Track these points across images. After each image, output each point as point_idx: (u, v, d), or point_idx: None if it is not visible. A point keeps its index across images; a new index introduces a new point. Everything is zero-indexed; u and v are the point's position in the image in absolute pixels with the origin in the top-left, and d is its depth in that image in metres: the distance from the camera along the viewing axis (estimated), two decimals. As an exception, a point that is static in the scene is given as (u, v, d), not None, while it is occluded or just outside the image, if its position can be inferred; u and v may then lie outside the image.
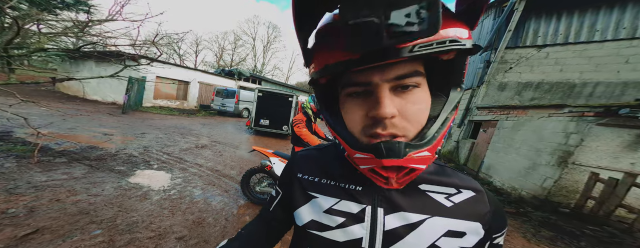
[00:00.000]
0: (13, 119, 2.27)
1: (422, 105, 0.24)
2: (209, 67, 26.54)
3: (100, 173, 2.31)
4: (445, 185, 0.30)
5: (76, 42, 5.00)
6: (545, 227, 2.29)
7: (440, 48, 0.19)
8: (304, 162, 0.38)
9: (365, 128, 0.25)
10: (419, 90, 0.24)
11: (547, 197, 2.78)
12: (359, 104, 0.25)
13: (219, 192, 2.26)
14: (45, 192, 1.79)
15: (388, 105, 0.22)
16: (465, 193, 0.30)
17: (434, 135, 0.24)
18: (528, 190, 3.04)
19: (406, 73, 0.22)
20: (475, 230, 0.28)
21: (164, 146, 3.70)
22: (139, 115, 6.71)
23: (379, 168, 0.24)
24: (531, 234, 2.15)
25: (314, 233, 0.31)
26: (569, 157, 2.70)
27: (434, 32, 0.17)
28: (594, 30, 3.66)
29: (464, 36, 0.21)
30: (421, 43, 0.19)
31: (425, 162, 0.24)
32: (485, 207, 0.29)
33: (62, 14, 5.10)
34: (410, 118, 0.23)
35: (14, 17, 1.91)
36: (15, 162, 2.20)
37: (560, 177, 2.71)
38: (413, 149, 0.22)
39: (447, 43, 0.19)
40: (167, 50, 19.46)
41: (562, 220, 2.44)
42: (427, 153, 0.23)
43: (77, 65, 8.63)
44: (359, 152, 0.25)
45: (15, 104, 1.98)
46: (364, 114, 0.24)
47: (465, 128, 5.19)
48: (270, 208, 0.41)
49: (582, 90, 3.81)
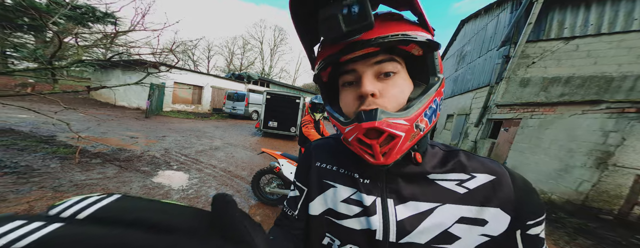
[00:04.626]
0: (57, 125, 2.55)
1: (401, 88, 0.28)
2: (220, 71, 27.83)
3: (129, 173, 2.52)
4: (456, 171, 0.30)
5: (105, 52, 5.53)
6: (581, 235, 2.07)
7: (395, 39, 0.25)
8: (320, 151, 0.39)
9: (355, 109, 0.28)
10: (398, 77, 0.28)
11: (584, 202, 2.50)
12: (351, 90, 0.29)
13: (231, 192, 2.35)
14: (84, 189, 1.98)
15: (368, 84, 0.27)
16: (481, 178, 0.29)
17: (412, 107, 0.27)
18: (560, 194, 2.77)
19: (383, 59, 0.28)
20: (498, 217, 0.26)
21: (182, 148, 3.93)
22: (160, 119, 7.21)
23: (361, 136, 0.26)
24: (565, 242, 1.97)
25: (333, 220, 0.32)
26: (608, 158, 2.42)
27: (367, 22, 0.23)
28: (632, 19, 3.30)
29: (421, 36, 0.26)
30: (380, 36, 0.25)
31: (402, 129, 0.26)
32: (507, 190, 0.27)
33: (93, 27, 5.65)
34: (390, 98, 0.27)
35: (56, 32, 2.17)
36: (59, 162, 2.47)
37: (599, 180, 2.43)
38: (388, 115, 0.26)
39: (400, 36, 0.25)
40: (182, 57, 20.78)
41: (603, 228, 2.18)
42: (403, 122, 0.26)
43: (107, 74, 9.53)
44: (347, 126, 0.28)
45: (60, 111, 2.24)
46: (354, 97, 0.29)
47: (483, 127, 4.87)
48: (295, 212, 0.37)
49: (622, 84, 3.41)
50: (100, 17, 5.52)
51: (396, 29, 0.26)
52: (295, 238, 0.37)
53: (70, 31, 4.21)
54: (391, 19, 0.27)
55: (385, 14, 0.28)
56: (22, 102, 4.28)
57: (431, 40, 0.27)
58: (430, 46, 0.27)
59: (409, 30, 0.26)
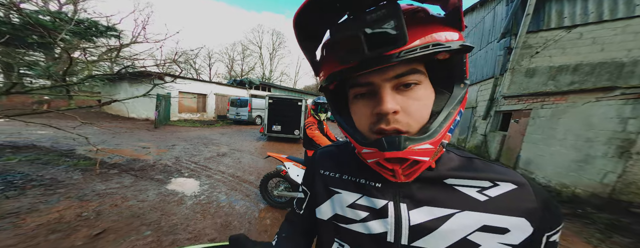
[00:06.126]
0: (77, 139, 2.66)
1: (424, 101, 0.25)
2: (221, 78, 28.23)
3: (144, 181, 2.59)
4: (477, 178, 0.28)
5: (111, 65, 5.71)
6: (616, 232, 1.91)
7: (424, 52, 0.21)
8: (324, 159, 0.39)
9: (371, 125, 0.26)
10: (421, 88, 0.25)
11: (611, 195, 2.35)
12: (365, 104, 0.27)
13: (241, 197, 2.37)
14: (105, 198, 2.06)
15: (389, 101, 0.24)
16: (504, 187, 0.27)
17: (436, 129, 0.24)
18: (584, 187, 2.63)
19: (404, 72, 0.24)
20: (521, 226, 0.26)
21: (191, 156, 4.00)
22: (168, 128, 7.39)
23: (383, 161, 0.25)
24: (598, 240, 1.82)
25: (341, 225, 0.32)
26: (631, 146, 2.30)
27: (402, 43, 0.20)
28: (634, 5, 3.23)
29: (451, 38, 0.23)
30: (406, 49, 0.21)
31: (427, 154, 0.24)
32: (531, 201, 0.26)
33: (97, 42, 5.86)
34: (412, 113, 0.25)
35: (64, 48, 2.27)
36: (81, 174, 2.58)
37: (624, 170, 2.29)
38: (413, 142, 0.24)
39: (430, 47, 0.22)
40: (185, 66, 21.33)
41: (638, 223, 1.98)
42: (429, 146, 0.24)
43: (115, 88, 9.87)
44: (365, 148, 0.27)
45: (78, 126, 2.34)
46: (369, 112, 0.26)
47: (492, 120, 4.77)
48: (300, 211, 0.41)
49: (634, 69, 3.30)
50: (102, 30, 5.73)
51: (423, 34, 0.22)
52: (303, 231, 0.41)
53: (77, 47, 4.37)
54: (415, 19, 0.23)
55: (410, 12, 0.23)
56: (40, 118, 4.48)
57: (465, 45, 0.23)
58: (460, 50, 0.23)
59: (439, 32, 0.22)
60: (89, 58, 5.29)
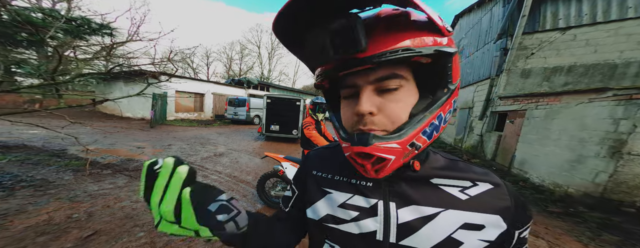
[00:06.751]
0: (66, 138, 2.61)
1: (402, 103, 0.26)
2: (219, 78, 28.08)
3: (138, 182, 2.54)
4: (459, 178, 0.30)
5: (106, 64, 5.59)
6: (606, 230, 1.98)
7: (393, 56, 0.23)
8: (316, 160, 0.40)
9: (353, 124, 0.28)
10: (402, 91, 0.26)
11: (603, 194, 2.42)
12: (349, 104, 0.29)
13: (238, 197, 2.34)
14: (98, 199, 2.01)
15: (365, 102, 0.25)
16: (482, 186, 0.30)
17: (407, 131, 0.26)
18: (576, 186, 2.69)
19: (384, 76, 0.25)
20: (496, 223, 0.28)
21: (188, 156, 3.95)
22: (165, 128, 7.29)
23: (354, 155, 0.27)
24: (588, 238, 1.87)
25: (331, 226, 0.32)
26: (622, 146, 2.36)
27: (359, 47, 0.22)
28: (626, 7, 3.31)
29: (425, 43, 0.24)
30: (376, 54, 0.23)
31: (393, 153, 0.25)
32: (505, 200, 0.29)
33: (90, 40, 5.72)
34: (389, 115, 0.26)
35: (55, 47, 2.20)
36: (72, 174, 2.52)
37: (615, 170, 2.36)
38: (379, 140, 0.25)
39: (400, 52, 0.23)
40: (181, 65, 21.08)
41: (629, 222, 2.07)
42: (396, 145, 0.25)
43: (110, 87, 9.71)
44: (343, 142, 0.29)
45: (67, 126, 2.28)
46: (352, 112, 0.28)
47: (488, 120, 4.83)
48: (286, 209, 0.41)
49: (626, 70, 3.38)
50: (96, 29, 5.59)
51: (398, 40, 0.23)
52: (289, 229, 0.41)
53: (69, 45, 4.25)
54: (394, 26, 0.24)
55: (389, 18, 0.25)
56: (30, 118, 4.36)
57: (440, 51, 0.24)
58: (441, 56, 0.24)
59: (416, 38, 0.23)
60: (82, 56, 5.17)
